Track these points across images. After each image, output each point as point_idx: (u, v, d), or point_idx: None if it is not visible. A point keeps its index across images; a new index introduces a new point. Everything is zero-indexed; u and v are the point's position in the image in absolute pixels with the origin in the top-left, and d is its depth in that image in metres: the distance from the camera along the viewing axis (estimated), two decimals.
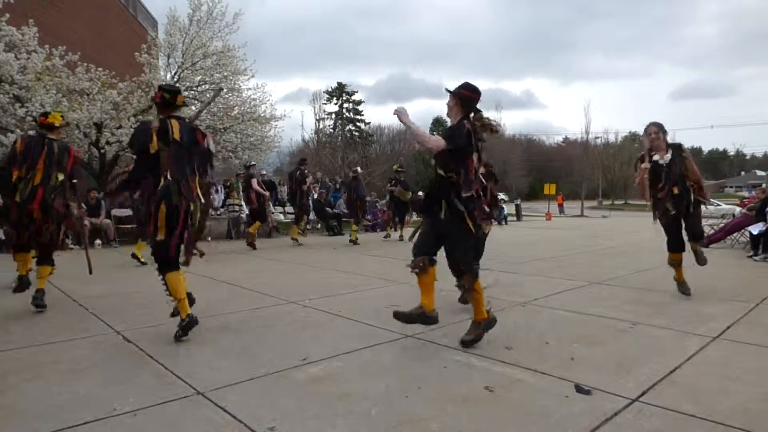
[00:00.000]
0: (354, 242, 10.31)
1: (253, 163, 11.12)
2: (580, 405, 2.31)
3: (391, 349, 3.21)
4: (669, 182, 4.46)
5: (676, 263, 4.72)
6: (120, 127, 10.77)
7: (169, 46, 11.68)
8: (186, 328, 3.32)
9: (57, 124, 4.49)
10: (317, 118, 52.31)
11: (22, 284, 4.43)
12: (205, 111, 12.12)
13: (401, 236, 10.97)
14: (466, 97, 3.15)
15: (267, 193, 10.39)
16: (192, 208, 3.36)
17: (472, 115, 3.15)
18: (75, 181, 4.48)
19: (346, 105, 59.75)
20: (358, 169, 12.34)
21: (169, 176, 3.28)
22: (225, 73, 12.06)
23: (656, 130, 4.55)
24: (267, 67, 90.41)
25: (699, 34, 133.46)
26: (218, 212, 13.06)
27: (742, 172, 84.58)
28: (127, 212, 10.01)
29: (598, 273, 6.23)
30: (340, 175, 24.43)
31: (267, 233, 12.25)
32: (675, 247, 4.65)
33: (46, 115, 4.59)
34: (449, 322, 3.80)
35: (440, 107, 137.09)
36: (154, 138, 3.30)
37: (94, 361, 2.95)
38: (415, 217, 14.09)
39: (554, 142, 79.59)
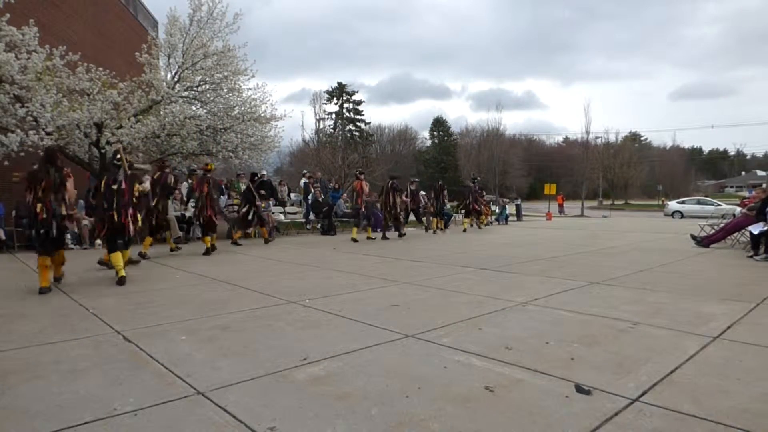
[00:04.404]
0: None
1: (395, 176, 13.37)
2: (580, 405, 2.31)
3: (391, 349, 3.21)
4: None
5: None
6: (120, 127, 10.76)
7: (170, 46, 11.66)
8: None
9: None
10: (317, 118, 52.39)
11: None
12: (205, 111, 12.17)
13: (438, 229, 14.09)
14: None
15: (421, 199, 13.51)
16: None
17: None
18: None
19: (346, 105, 59.81)
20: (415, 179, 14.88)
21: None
22: (225, 73, 12.04)
23: None
24: (270, 68, 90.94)
25: (699, 35, 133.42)
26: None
27: (743, 172, 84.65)
28: None
29: (598, 273, 6.23)
30: (340, 175, 24.44)
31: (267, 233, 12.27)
32: None
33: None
34: (450, 322, 3.81)
35: (441, 107, 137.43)
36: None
37: (94, 361, 2.95)
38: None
39: (555, 142, 79.78)
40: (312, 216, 14.29)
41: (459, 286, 5.35)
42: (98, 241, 9.88)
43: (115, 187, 5.72)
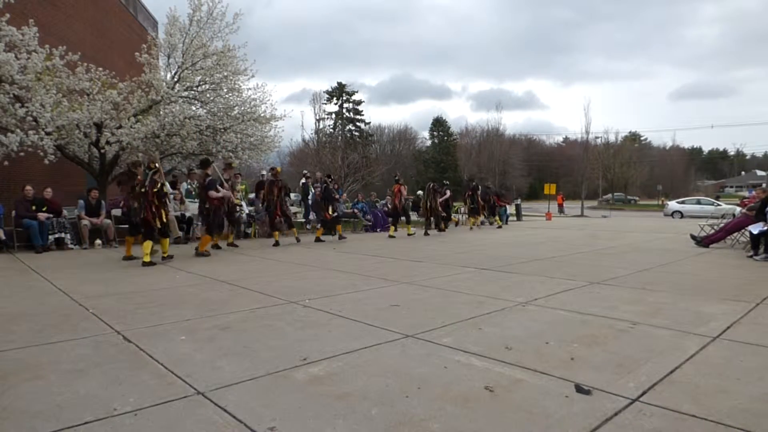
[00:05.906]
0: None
1: (434, 180, 15.22)
2: (580, 405, 2.31)
3: (391, 349, 3.21)
4: None
5: None
6: (120, 127, 10.76)
7: (170, 46, 11.65)
8: None
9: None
10: (317, 118, 52.34)
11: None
12: (205, 111, 12.17)
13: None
14: None
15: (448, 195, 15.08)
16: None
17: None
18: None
19: (346, 105, 59.81)
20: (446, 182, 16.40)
21: None
22: (225, 73, 12.04)
23: None
24: (271, 69, 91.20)
25: (699, 36, 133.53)
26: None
27: (742, 172, 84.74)
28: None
29: (598, 273, 6.23)
30: (339, 175, 24.47)
31: (267, 234, 12.27)
32: None
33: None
34: (450, 321, 3.81)
35: (441, 107, 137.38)
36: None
37: (94, 361, 2.95)
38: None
39: (555, 142, 79.87)
40: (312, 216, 14.28)
41: (459, 286, 5.35)
42: (98, 241, 9.90)
43: (143, 190, 7.27)
